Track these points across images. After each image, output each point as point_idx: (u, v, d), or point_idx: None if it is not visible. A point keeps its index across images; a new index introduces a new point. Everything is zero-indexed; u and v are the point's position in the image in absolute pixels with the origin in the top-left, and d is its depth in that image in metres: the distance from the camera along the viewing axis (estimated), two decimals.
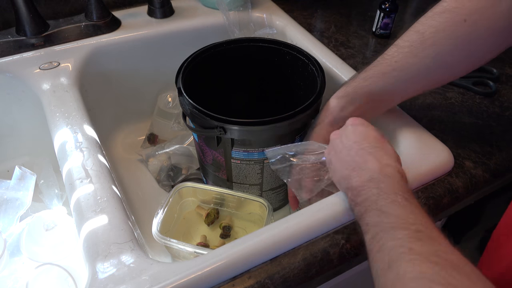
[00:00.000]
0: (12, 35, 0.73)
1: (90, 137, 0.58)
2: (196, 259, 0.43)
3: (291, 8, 0.92)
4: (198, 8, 0.89)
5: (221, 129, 0.55)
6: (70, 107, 0.63)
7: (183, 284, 0.41)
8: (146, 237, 0.65)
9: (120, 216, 0.48)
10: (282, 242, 0.46)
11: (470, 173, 0.56)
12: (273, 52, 0.70)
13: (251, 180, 0.65)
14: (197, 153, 0.71)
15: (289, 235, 0.46)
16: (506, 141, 0.61)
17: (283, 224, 0.47)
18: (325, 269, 0.46)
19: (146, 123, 0.90)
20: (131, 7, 0.88)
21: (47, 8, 0.80)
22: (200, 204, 0.70)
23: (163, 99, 0.86)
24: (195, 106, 0.56)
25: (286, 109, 0.57)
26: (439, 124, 0.63)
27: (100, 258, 0.44)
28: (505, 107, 0.67)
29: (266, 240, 0.45)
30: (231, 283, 0.43)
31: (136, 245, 0.45)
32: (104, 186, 0.51)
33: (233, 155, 0.61)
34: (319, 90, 0.60)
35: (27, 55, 0.72)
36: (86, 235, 0.46)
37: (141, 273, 0.42)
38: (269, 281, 0.43)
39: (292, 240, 0.46)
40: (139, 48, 0.81)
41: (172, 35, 0.83)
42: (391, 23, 0.82)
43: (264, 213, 0.61)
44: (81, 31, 0.77)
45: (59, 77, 0.69)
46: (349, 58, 0.77)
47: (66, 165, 0.54)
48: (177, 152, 0.81)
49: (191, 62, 0.65)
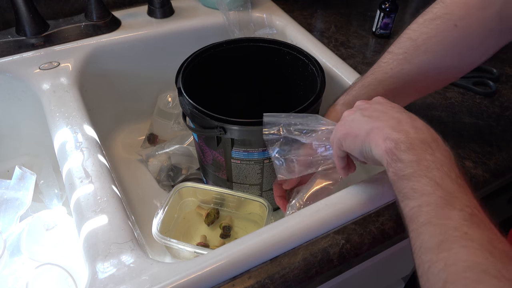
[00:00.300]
0: (12, 35, 0.73)
1: (90, 137, 0.58)
2: (196, 259, 0.43)
3: (291, 8, 0.92)
4: (198, 8, 0.89)
5: (221, 129, 0.55)
6: (70, 107, 0.63)
7: (183, 284, 0.41)
8: (146, 237, 0.65)
9: (120, 216, 0.48)
10: (282, 242, 0.46)
11: (470, 173, 0.56)
12: (273, 52, 0.70)
13: (251, 180, 0.65)
14: (197, 153, 0.71)
15: (289, 235, 0.46)
16: (506, 141, 0.61)
17: (283, 224, 0.47)
18: (325, 269, 0.46)
19: (146, 123, 0.90)
20: (131, 7, 0.88)
21: (47, 8, 0.80)
22: (200, 204, 0.70)
23: (163, 99, 0.86)
24: (195, 106, 0.56)
25: (286, 109, 0.57)
26: (439, 124, 0.63)
27: (100, 258, 0.44)
28: (505, 107, 0.67)
29: (266, 240, 0.45)
30: (231, 283, 0.43)
31: (136, 245, 0.45)
32: (104, 186, 0.51)
33: (233, 155, 0.61)
34: (319, 90, 0.60)
35: (27, 55, 0.72)
36: (86, 235, 0.46)
37: (141, 273, 0.42)
38: (269, 281, 0.43)
39: (292, 240, 0.46)
40: (139, 48, 0.81)
41: (172, 35, 0.83)
42: (391, 23, 0.82)
43: (264, 213, 0.61)
44: (81, 31, 0.77)
45: (59, 77, 0.69)
46: (349, 58, 0.77)
47: (66, 165, 0.54)
48: (177, 152, 0.81)
49: (191, 62, 0.65)
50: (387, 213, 0.50)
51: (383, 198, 0.51)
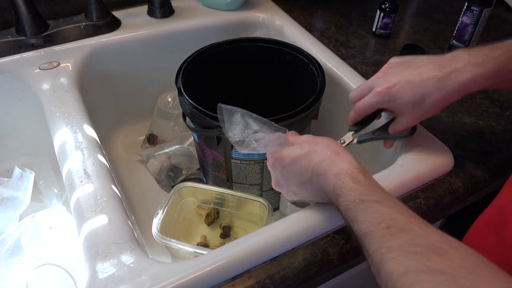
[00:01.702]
0: (12, 35, 0.73)
1: (90, 137, 0.58)
2: (196, 259, 0.43)
3: (291, 8, 0.92)
4: (198, 8, 0.89)
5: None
6: (70, 107, 0.63)
7: (183, 284, 0.41)
8: (146, 237, 0.65)
9: (120, 216, 0.48)
10: (282, 242, 0.46)
11: (470, 173, 0.56)
12: (273, 52, 0.70)
13: (251, 180, 0.65)
14: (197, 153, 0.71)
15: (289, 235, 0.46)
16: (506, 141, 0.61)
17: (283, 224, 0.47)
18: (325, 269, 0.46)
19: (146, 123, 0.90)
20: (131, 7, 0.88)
21: (47, 8, 0.80)
22: (200, 204, 0.70)
23: (163, 99, 0.86)
24: (195, 106, 0.56)
25: (286, 109, 0.57)
26: (439, 124, 0.63)
27: (100, 258, 0.44)
28: (505, 107, 0.67)
29: (266, 240, 0.45)
30: (231, 283, 0.43)
31: (136, 245, 0.45)
32: (104, 186, 0.51)
33: (233, 155, 0.61)
34: (319, 90, 0.60)
35: (27, 55, 0.72)
36: (86, 235, 0.46)
37: (141, 273, 0.42)
38: (269, 281, 0.43)
39: (292, 240, 0.46)
40: (139, 48, 0.81)
41: (172, 35, 0.83)
42: (391, 23, 0.82)
43: (264, 213, 0.61)
44: (81, 31, 0.77)
45: (59, 77, 0.69)
46: (349, 58, 0.77)
47: (66, 165, 0.54)
48: (177, 152, 0.81)
49: (191, 62, 0.65)
50: None
51: None
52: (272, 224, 0.47)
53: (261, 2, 0.92)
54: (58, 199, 0.71)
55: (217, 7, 0.88)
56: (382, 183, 0.52)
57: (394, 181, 0.52)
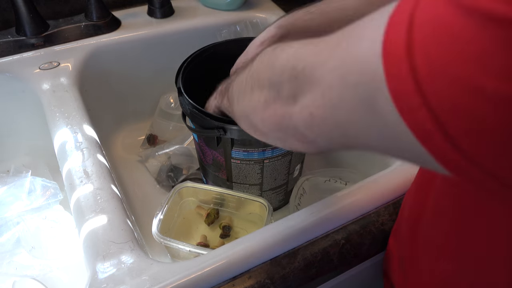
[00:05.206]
0: (12, 35, 0.73)
1: (90, 137, 0.58)
2: (196, 259, 0.44)
3: (291, 8, 0.92)
4: (198, 8, 0.89)
5: (221, 129, 0.55)
6: (70, 107, 0.63)
7: (183, 284, 0.41)
8: (146, 237, 0.65)
9: (120, 216, 0.48)
10: (282, 242, 0.46)
11: None
12: None
13: (251, 180, 0.65)
14: (197, 153, 0.71)
15: (289, 235, 0.46)
16: None
17: (283, 224, 0.47)
18: (325, 269, 0.46)
19: (146, 123, 0.90)
20: (131, 7, 0.88)
21: (47, 8, 0.80)
22: (200, 204, 0.70)
23: (165, 100, 0.86)
24: (195, 106, 0.56)
25: None
26: None
27: (100, 258, 0.44)
28: None
29: (266, 240, 0.45)
30: (231, 283, 0.43)
31: (136, 245, 0.45)
32: (104, 186, 0.51)
33: (233, 155, 0.61)
34: None
35: (27, 55, 0.72)
36: (86, 235, 0.46)
37: (141, 273, 0.42)
38: (269, 281, 0.43)
39: (292, 240, 0.46)
40: (139, 48, 0.81)
41: (172, 35, 0.83)
42: None
43: (264, 213, 0.61)
44: (81, 31, 0.77)
45: (59, 77, 0.69)
46: None
47: (66, 165, 0.54)
48: (177, 152, 0.81)
49: (191, 62, 0.65)
50: (387, 213, 0.50)
51: (383, 198, 0.51)
52: (272, 224, 0.47)
53: (261, 2, 0.92)
54: (56, 199, 0.71)
55: (217, 7, 0.88)
56: (382, 184, 0.52)
57: (394, 182, 0.52)
